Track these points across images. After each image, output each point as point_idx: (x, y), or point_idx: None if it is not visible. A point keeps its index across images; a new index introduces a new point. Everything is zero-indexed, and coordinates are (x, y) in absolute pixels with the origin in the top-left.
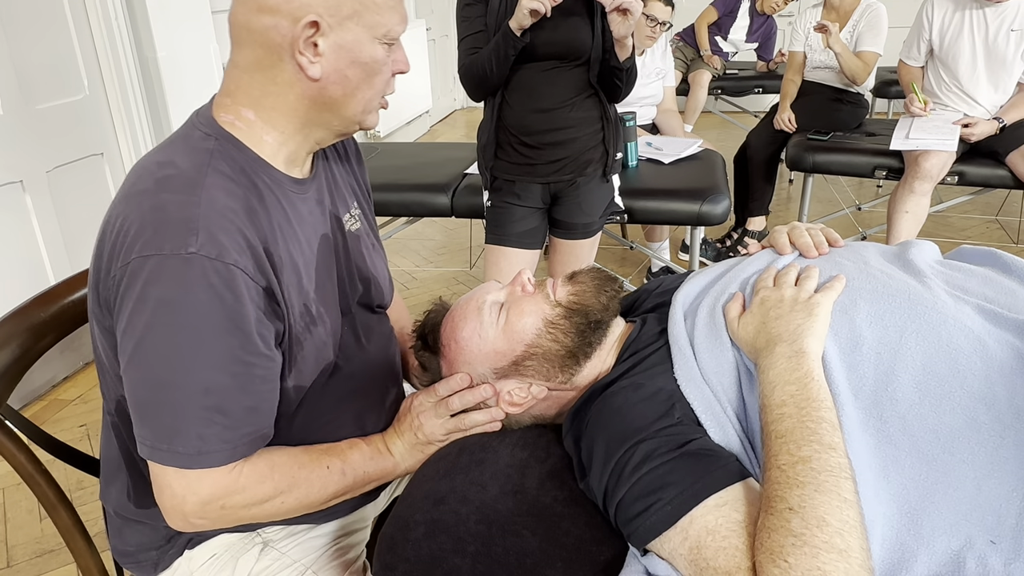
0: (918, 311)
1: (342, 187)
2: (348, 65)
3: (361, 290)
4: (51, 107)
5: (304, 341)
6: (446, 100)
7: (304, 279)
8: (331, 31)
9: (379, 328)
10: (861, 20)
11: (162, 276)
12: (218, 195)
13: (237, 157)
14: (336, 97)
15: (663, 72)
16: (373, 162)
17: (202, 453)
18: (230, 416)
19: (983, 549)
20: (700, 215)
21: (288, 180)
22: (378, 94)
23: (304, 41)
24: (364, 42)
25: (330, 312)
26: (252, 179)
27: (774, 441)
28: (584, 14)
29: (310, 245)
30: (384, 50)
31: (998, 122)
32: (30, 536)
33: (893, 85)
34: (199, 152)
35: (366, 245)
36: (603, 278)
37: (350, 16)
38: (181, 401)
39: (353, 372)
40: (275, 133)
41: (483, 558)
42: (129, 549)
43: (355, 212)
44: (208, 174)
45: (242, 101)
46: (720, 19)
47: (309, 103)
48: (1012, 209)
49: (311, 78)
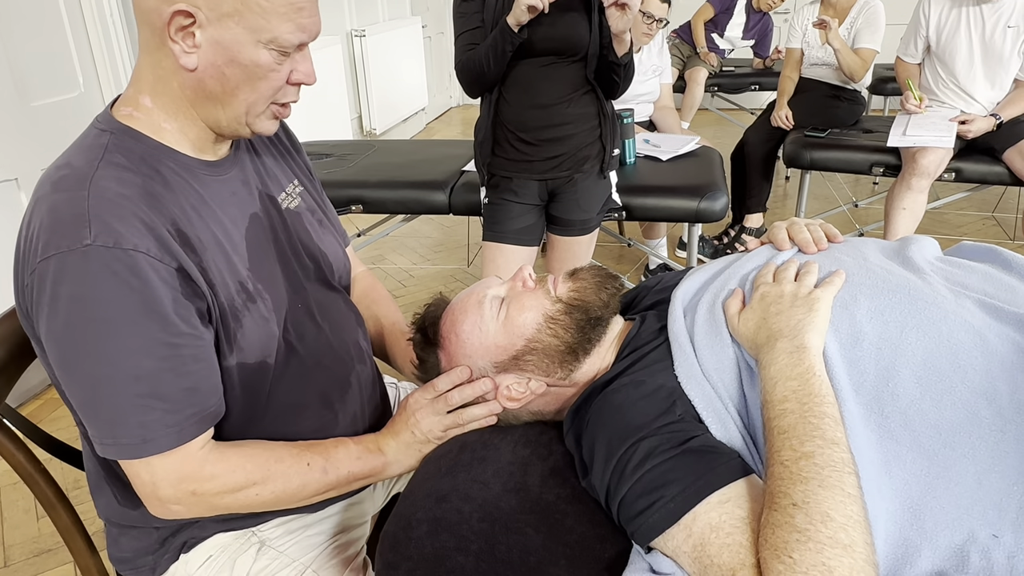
0: (919, 306)
1: (272, 167)
2: (226, 63)
3: (312, 266)
4: (46, 104)
5: (243, 317)
6: (442, 97)
7: (234, 257)
8: (209, 24)
9: (337, 306)
10: (859, 17)
11: (66, 274)
12: (108, 184)
13: (135, 147)
14: (215, 92)
15: (660, 69)
16: (370, 159)
17: (147, 440)
18: (168, 400)
19: (986, 543)
20: (698, 212)
21: (198, 164)
22: (264, 99)
23: (177, 29)
24: (245, 44)
25: (271, 288)
26: (154, 166)
27: (777, 437)
28: (582, 10)
29: (236, 224)
30: (271, 56)
31: (995, 119)
32: (27, 535)
33: (890, 82)
34: (93, 148)
35: (310, 222)
36: (604, 275)
37: (231, 15)
38: (114, 393)
39: (310, 350)
40: (172, 120)
41: (486, 556)
42: (126, 556)
43: (293, 190)
44: (99, 167)
45: (141, 88)
46: (716, 16)
47: (191, 93)
48: (1008, 206)
49: (185, 68)
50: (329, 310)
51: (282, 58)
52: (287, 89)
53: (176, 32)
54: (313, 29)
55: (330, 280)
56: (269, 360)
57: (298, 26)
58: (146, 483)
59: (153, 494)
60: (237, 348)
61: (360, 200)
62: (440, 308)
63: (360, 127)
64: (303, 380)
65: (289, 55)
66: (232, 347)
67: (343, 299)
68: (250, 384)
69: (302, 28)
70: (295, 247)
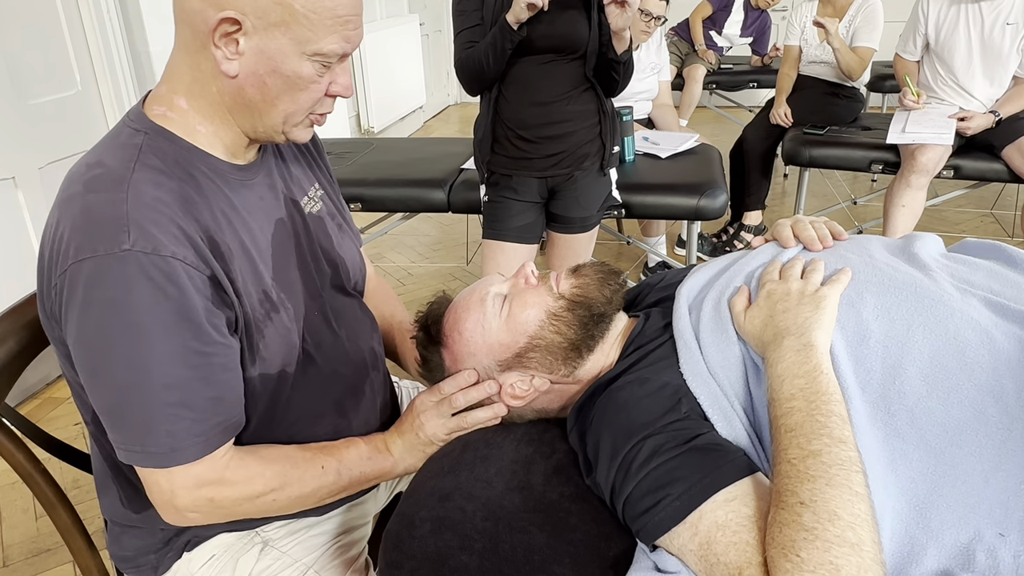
0: (925, 304)
1: (295, 170)
2: (268, 72)
3: (330, 272)
4: (43, 103)
5: (265, 328)
6: (440, 95)
7: (260, 265)
8: (255, 33)
9: (352, 312)
10: (857, 15)
11: (101, 278)
12: (146, 188)
13: (169, 149)
14: (255, 101)
15: (658, 67)
16: (368, 158)
17: (175, 450)
18: (196, 409)
19: (992, 541)
20: (698, 209)
21: (230, 168)
22: (303, 110)
23: (222, 35)
24: (289, 55)
25: (293, 297)
26: (188, 170)
27: (784, 435)
28: (581, 7)
29: (263, 231)
30: (313, 68)
31: (994, 115)
32: (26, 535)
33: (888, 79)
34: (127, 148)
35: (331, 227)
36: (606, 272)
37: (277, 24)
38: (144, 401)
39: (327, 358)
40: (207, 123)
41: (490, 555)
42: (128, 554)
43: (315, 194)
44: (135, 169)
45: (176, 88)
46: (714, 13)
47: (230, 100)
48: (1007, 203)
49: (227, 74)
50: (345, 317)
51: (324, 70)
52: (324, 100)
53: (220, 38)
54: (356, 40)
55: (346, 286)
56: (289, 369)
57: (343, 38)
58: (164, 491)
59: (170, 502)
60: (259, 359)
61: (359, 198)
62: (443, 306)
63: (358, 125)
64: (320, 388)
65: (331, 67)
66: (255, 358)
67: (359, 304)
68: (270, 393)
69: (347, 40)
70: (315, 252)
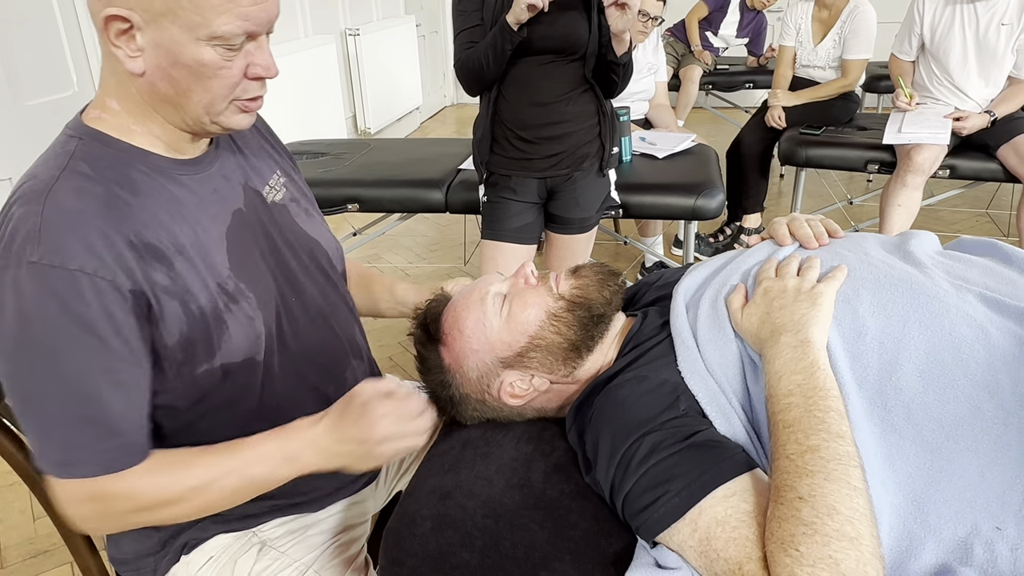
0: (920, 300)
1: (255, 160)
2: (170, 65)
3: (306, 258)
4: (40, 104)
5: (226, 318)
6: (436, 97)
7: (215, 257)
8: (146, 27)
9: (332, 299)
10: (847, 22)
11: (8, 290)
12: (65, 199)
13: (102, 153)
14: (169, 95)
15: (655, 67)
16: (366, 158)
17: (68, 464)
18: (97, 425)
19: (989, 535)
20: (695, 209)
21: (173, 164)
22: (221, 98)
23: (117, 34)
24: (184, 43)
25: (256, 286)
26: (123, 171)
27: (782, 431)
28: (581, 8)
29: (217, 222)
30: (215, 53)
31: (989, 115)
32: (23, 537)
33: (883, 80)
34: (59, 156)
35: (296, 212)
36: (606, 272)
37: (164, 14)
38: (45, 413)
39: (306, 346)
40: (139, 123)
41: (491, 552)
42: (126, 557)
43: (276, 182)
44: (60, 179)
45: (107, 91)
46: (710, 14)
47: (148, 97)
48: (1002, 203)
49: (134, 73)
50: (325, 304)
51: (231, 53)
52: (247, 84)
53: (117, 36)
54: (261, 17)
55: (327, 270)
56: (258, 358)
57: (239, 16)
58: (60, 500)
59: (65, 510)
60: (222, 351)
61: (356, 199)
62: (441, 304)
63: (354, 126)
64: (298, 376)
65: (239, 49)
66: (216, 350)
67: (339, 293)
68: (238, 383)
69: (244, 17)
70: (286, 239)
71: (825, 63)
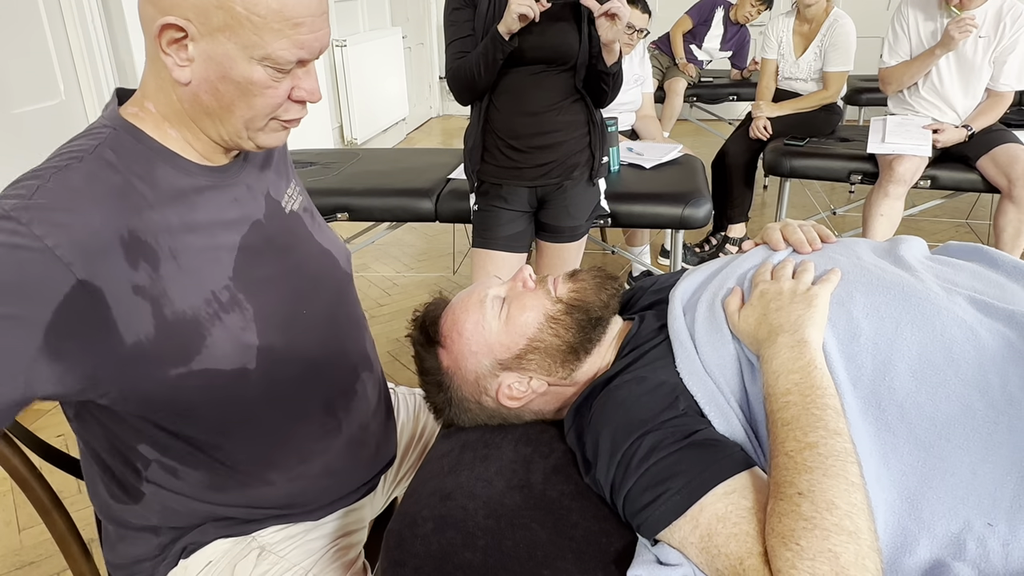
0: (912, 302)
1: (273, 172)
2: (219, 79)
3: (318, 269)
4: (27, 112)
5: (212, 327)
6: (422, 108)
7: (216, 266)
8: (201, 38)
9: (345, 311)
10: (827, 35)
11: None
12: (75, 178)
13: (133, 146)
14: (211, 107)
15: (641, 79)
16: (354, 168)
17: None
18: None
19: (981, 531)
20: (683, 218)
21: (200, 169)
22: (262, 116)
23: (169, 42)
24: (237, 60)
25: (258, 298)
26: (149, 167)
27: (780, 428)
28: (572, 19)
29: (231, 231)
30: (266, 73)
31: (966, 130)
32: (8, 548)
33: (864, 93)
34: (89, 139)
35: (310, 223)
36: (603, 276)
37: (221, 29)
38: None
39: (314, 357)
40: (176, 129)
41: (494, 551)
42: (123, 562)
43: (293, 192)
44: (83, 160)
45: (146, 94)
46: (695, 28)
47: (189, 107)
48: (981, 213)
49: (179, 81)
50: (335, 316)
51: (279, 75)
52: (289, 106)
53: (168, 45)
54: (314, 46)
55: (338, 281)
56: (249, 366)
57: (295, 43)
58: None
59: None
60: (201, 356)
61: (346, 208)
62: (440, 307)
63: (341, 137)
64: (303, 387)
65: (287, 72)
66: (191, 355)
67: (349, 303)
68: (224, 389)
69: (300, 45)
70: (302, 251)
71: (807, 75)
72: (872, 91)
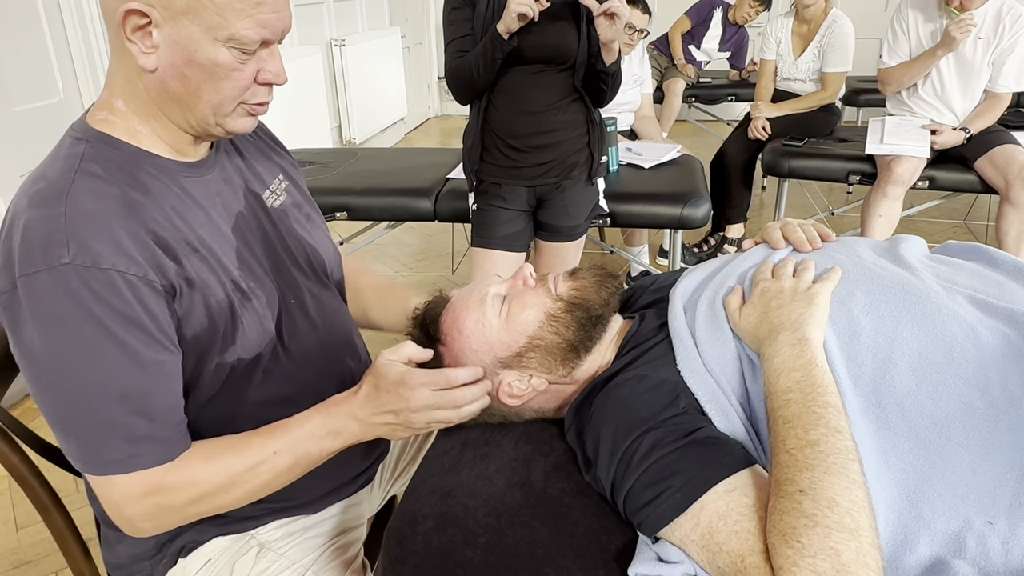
0: (912, 301)
1: (256, 165)
2: (185, 63)
3: (303, 263)
4: (25, 111)
5: (243, 314)
6: (420, 108)
7: (223, 257)
8: (165, 24)
9: (330, 302)
10: (826, 35)
11: (43, 295)
12: (85, 199)
13: (112, 155)
14: (179, 94)
15: (641, 79)
16: (354, 167)
17: (133, 457)
18: (153, 418)
19: (981, 529)
20: (681, 218)
21: (178, 166)
22: (230, 100)
23: (134, 29)
24: (202, 43)
25: (263, 286)
26: (133, 174)
27: (781, 426)
28: (571, 18)
29: (223, 224)
30: (231, 55)
31: (964, 132)
32: (6, 547)
33: (862, 94)
34: (69, 158)
35: (296, 218)
36: (604, 274)
37: (185, 12)
38: (99, 413)
39: (304, 347)
40: (145, 123)
41: (494, 549)
42: (121, 562)
43: (278, 187)
44: (75, 179)
45: (114, 91)
46: (693, 28)
47: (156, 95)
48: (978, 214)
49: (145, 69)
50: (323, 306)
51: (245, 57)
52: (256, 89)
53: (133, 32)
54: (277, 25)
55: (321, 276)
56: (265, 353)
57: (258, 22)
58: (114, 503)
59: (121, 514)
60: (237, 345)
61: (345, 207)
62: (440, 305)
63: (340, 136)
64: (295, 376)
65: (253, 53)
66: (232, 344)
67: (336, 296)
68: (242, 378)
69: (263, 24)
70: (285, 244)
71: (805, 76)
72: (870, 92)
